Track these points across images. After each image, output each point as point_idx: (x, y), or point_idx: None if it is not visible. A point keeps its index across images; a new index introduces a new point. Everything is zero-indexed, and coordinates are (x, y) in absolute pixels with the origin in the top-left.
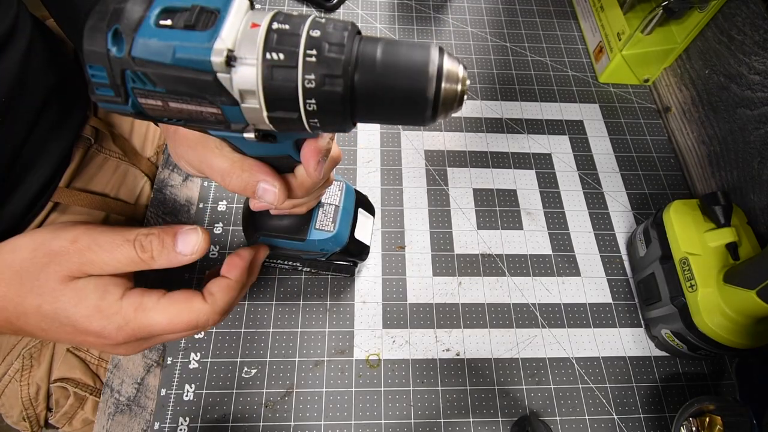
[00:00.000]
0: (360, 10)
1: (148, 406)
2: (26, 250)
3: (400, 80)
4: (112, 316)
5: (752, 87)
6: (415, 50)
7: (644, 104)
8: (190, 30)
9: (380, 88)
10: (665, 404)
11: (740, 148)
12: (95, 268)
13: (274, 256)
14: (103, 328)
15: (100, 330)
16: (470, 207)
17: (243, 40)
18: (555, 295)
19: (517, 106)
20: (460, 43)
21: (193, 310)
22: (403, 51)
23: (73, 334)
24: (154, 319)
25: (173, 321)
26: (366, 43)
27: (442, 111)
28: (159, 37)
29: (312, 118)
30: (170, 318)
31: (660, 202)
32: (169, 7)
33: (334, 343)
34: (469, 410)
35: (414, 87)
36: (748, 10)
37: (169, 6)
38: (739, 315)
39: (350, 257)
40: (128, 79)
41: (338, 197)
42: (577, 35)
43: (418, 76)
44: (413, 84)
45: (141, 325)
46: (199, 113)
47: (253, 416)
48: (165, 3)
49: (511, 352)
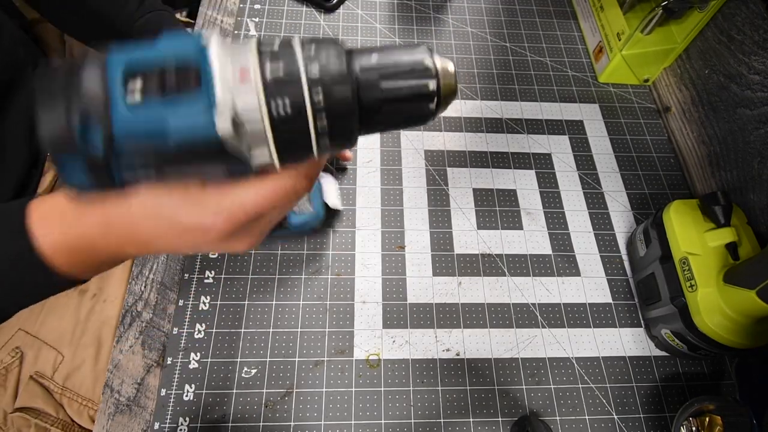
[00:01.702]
0: (360, 10)
1: (148, 407)
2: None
3: (405, 85)
4: (203, 202)
5: (752, 87)
6: (409, 53)
7: (644, 104)
8: (174, 97)
9: (387, 98)
10: (665, 404)
11: (740, 148)
12: None
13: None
14: (199, 216)
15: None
16: (470, 207)
17: (241, 99)
18: (555, 295)
19: (517, 106)
20: (460, 43)
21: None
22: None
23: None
24: (242, 195)
25: (259, 192)
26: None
27: (443, 105)
28: (142, 119)
29: (322, 140)
30: (255, 189)
31: (660, 202)
32: (131, 69)
33: (334, 343)
34: (469, 410)
35: (419, 86)
36: (748, 10)
37: (131, 68)
38: (739, 315)
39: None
40: (114, 168)
41: None
42: (577, 35)
43: (420, 75)
44: (418, 84)
45: (233, 204)
46: (198, 174)
47: (253, 416)
48: (122, 62)
49: (511, 352)
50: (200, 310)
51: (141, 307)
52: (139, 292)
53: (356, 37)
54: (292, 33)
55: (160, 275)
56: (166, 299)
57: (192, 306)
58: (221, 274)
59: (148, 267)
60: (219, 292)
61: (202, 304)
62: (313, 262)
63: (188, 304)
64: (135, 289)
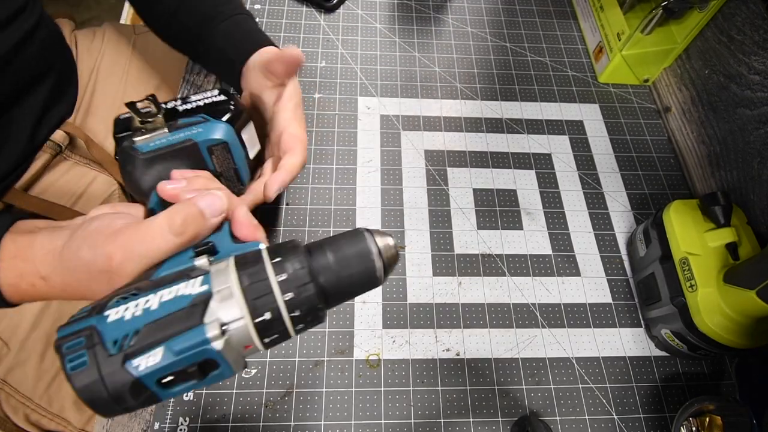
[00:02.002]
0: (360, 10)
1: (148, 406)
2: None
3: (356, 271)
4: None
5: (752, 87)
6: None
7: (644, 104)
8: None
9: (343, 283)
10: (665, 404)
11: (740, 148)
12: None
13: None
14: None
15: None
16: (470, 207)
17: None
18: (555, 295)
19: (517, 106)
20: (460, 43)
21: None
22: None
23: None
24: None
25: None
26: (318, 257)
27: (389, 270)
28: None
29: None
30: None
31: (660, 202)
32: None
33: (334, 343)
34: (469, 410)
35: (367, 269)
36: (748, 10)
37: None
38: (739, 315)
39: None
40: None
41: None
42: (577, 35)
43: (367, 262)
44: (366, 269)
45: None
46: None
47: (253, 416)
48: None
49: (511, 352)
50: None
51: None
52: None
53: (356, 37)
54: (292, 33)
55: None
56: None
57: None
58: None
59: None
60: None
61: None
62: None
63: None
64: None
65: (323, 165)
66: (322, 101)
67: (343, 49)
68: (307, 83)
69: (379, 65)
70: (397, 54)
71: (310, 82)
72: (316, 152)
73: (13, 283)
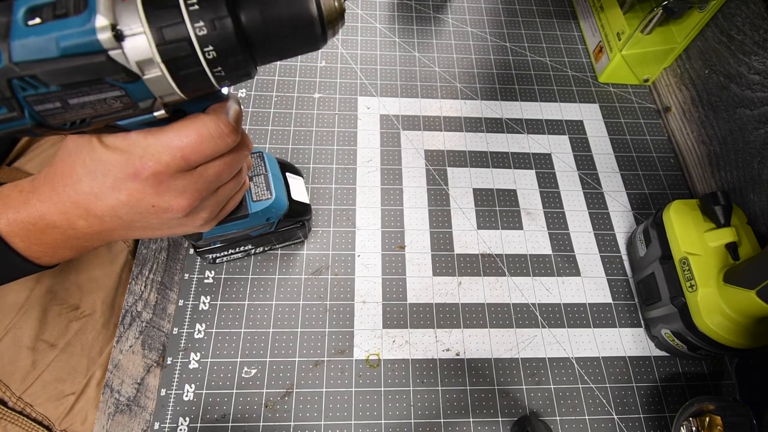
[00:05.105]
0: (360, 10)
1: (148, 406)
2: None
3: (283, 7)
4: (128, 149)
5: (752, 87)
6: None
7: (644, 104)
8: (64, 18)
9: (268, 19)
10: (665, 404)
11: (740, 148)
12: None
13: (224, 247)
14: (126, 162)
15: (126, 166)
16: (470, 207)
17: (122, 12)
18: (555, 295)
19: (517, 106)
20: (460, 43)
21: (194, 121)
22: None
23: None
24: (164, 138)
25: (181, 134)
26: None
27: (330, 27)
28: (36, 34)
29: (215, 68)
30: (176, 131)
31: (660, 202)
32: (33, 6)
33: (334, 343)
34: (469, 410)
35: (298, 9)
36: (748, 10)
37: (33, 5)
38: (739, 315)
39: (296, 217)
40: (17, 89)
41: (262, 166)
42: (577, 35)
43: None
44: (296, 7)
45: (157, 147)
46: (102, 102)
47: (253, 416)
48: (27, 3)
49: (511, 352)
50: (200, 310)
51: (141, 307)
52: (138, 292)
53: (356, 37)
54: None
55: (160, 275)
56: (166, 299)
57: (192, 306)
58: (221, 274)
59: (148, 267)
60: (219, 292)
61: (202, 304)
62: (313, 262)
63: (188, 304)
64: (135, 288)
65: (323, 165)
66: (322, 101)
67: (343, 49)
68: (307, 83)
69: (379, 65)
70: (397, 54)
71: (310, 82)
72: (316, 152)
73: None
